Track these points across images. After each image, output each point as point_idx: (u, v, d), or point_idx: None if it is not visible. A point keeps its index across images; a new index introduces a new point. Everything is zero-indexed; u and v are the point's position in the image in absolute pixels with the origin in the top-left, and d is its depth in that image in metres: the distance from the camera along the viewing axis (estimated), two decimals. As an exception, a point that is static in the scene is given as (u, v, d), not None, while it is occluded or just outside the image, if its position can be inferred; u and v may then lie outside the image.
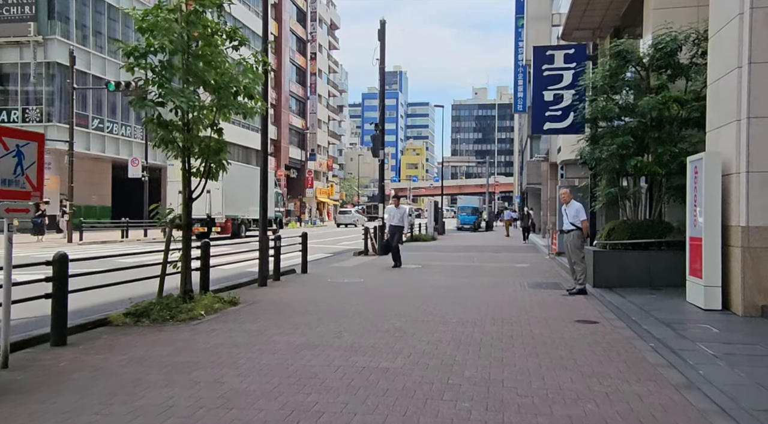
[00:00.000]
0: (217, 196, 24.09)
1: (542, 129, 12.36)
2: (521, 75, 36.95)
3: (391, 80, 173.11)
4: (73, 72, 22.98)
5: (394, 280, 11.47)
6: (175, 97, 6.96)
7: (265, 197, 10.61)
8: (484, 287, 10.40)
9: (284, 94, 58.88)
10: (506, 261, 16.08)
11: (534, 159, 36.09)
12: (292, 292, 9.68)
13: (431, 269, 13.91)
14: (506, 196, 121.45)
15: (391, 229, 14.09)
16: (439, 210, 34.37)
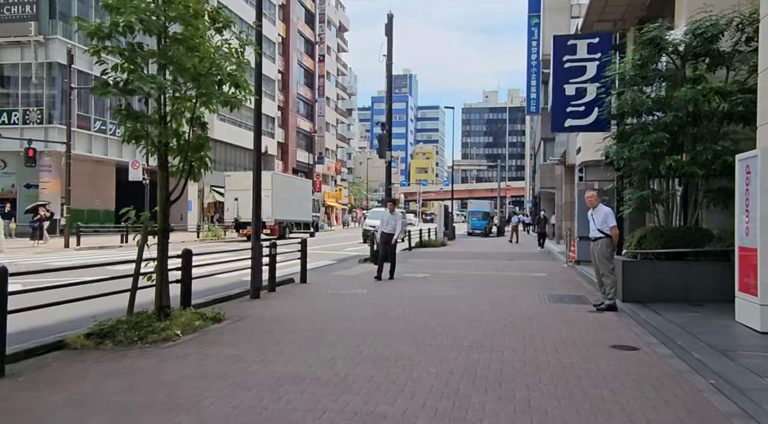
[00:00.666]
0: (267, 201, 25.54)
1: (563, 126, 11.33)
2: (534, 75, 35.86)
3: (401, 84, 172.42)
4: (70, 71, 22.24)
5: (399, 291, 10.48)
6: (144, 83, 6.04)
7: (259, 200, 9.66)
8: (500, 300, 9.38)
9: (292, 96, 58.15)
10: (521, 269, 15.03)
11: (548, 162, 34.99)
12: (286, 305, 8.71)
13: (441, 278, 12.90)
14: (517, 200, 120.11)
15: (383, 236, 12.57)
16: (449, 215, 33.33)
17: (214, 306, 8.18)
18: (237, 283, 10.69)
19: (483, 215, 46.48)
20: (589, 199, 8.49)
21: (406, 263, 17.05)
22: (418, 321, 7.38)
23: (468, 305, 8.74)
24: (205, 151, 7.15)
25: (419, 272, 14.03)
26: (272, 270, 10.23)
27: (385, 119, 17.23)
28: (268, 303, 8.92)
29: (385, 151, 17.03)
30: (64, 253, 20.01)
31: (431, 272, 14.26)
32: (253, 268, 9.40)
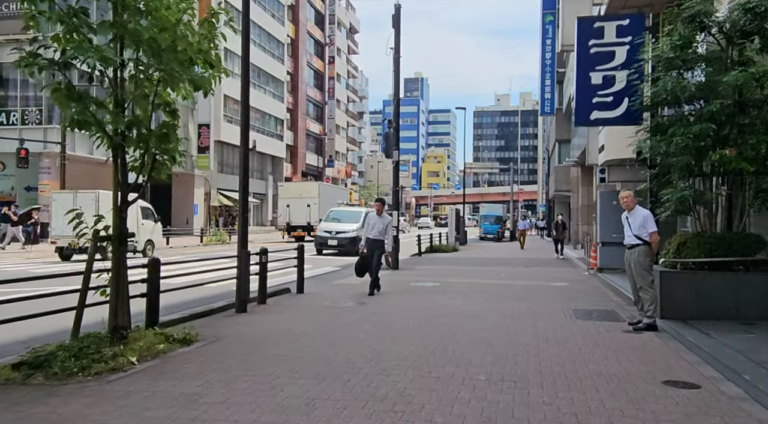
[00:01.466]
0: (314, 207, 31.46)
1: (588, 119, 10.14)
2: (549, 75, 34.65)
3: (412, 87, 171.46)
4: (65, 68, 21.36)
5: (405, 304, 9.34)
6: (82, 52, 4.99)
7: (246, 201, 8.58)
8: (519, 315, 8.22)
9: (301, 98, 57.29)
10: (539, 278, 13.83)
11: (563, 164, 33.70)
12: (274, 322, 7.60)
13: (452, 288, 11.75)
14: (530, 204, 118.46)
15: (369, 243, 10.70)
16: (461, 219, 32.14)
17: (188, 324, 7.09)
18: (228, 293, 9.59)
19: (495, 218, 45.28)
20: (624, 201, 7.30)
21: (414, 269, 15.92)
22: (424, 344, 6.24)
23: (482, 323, 7.58)
24: (174, 143, 6.08)
25: (428, 281, 12.89)
26: (263, 280, 9.15)
27: (393, 117, 16.12)
28: (253, 319, 7.82)
29: (392, 150, 15.92)
30: (54, 259, 19.07)
31: (441, 280, 13.11)
32: (239, 278, 8.31)
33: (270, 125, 50.04)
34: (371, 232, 10.70)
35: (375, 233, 10.69)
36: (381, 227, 10.65)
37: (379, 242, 10.65)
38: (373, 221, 10.80)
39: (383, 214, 10.96)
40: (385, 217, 10.87)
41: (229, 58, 43.08)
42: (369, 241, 10.69)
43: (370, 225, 10.79)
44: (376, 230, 10.68)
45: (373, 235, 10.69)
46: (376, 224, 10.74)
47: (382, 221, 10.73)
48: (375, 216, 10.90)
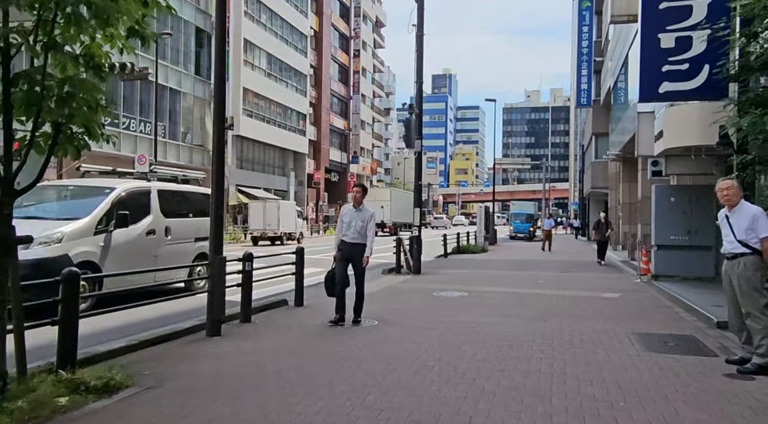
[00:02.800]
0: (387, 209, 40.69)
1: (656, 93, 8.12)
2: (585, 64, 32.34)
3: (440, 84, 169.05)
4: (65, 54, 20.00)
5: (425, 325, 7.47)
6: None
7: (220, 199, 6.81)
8: (571, 342, 6.29)
9: (325, 92, 55.70)
10: (583, 286, 11.81)
11: (602, 159, 31.35)
12: (248, 353, 5.82)
13: (482, 298, 9.85)
14: (561, 203, 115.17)
15: (345, 249, 7.52)
16: (490, 217, 30.09)
17: (132, 357, 5.38)
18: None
19: (527, 217, 43.06)
20: (725, 194, 5.26)
21: (438, 274, 14.04)
22: (445, 396, 4.38)
23: (524, 356, 5.68)
24: (95, 109, 4.36)
25: (454, 289, 11.00)
26: (246, 294, 7.38)
27: (415, 102, 14.24)
28: (223, 347, 6.05)
29: (414, 139, 14.04)
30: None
31: (470, 288, 11.20)
32: (210, 292, 6.54)
33: (292, 120, 48.55)
34: (347, 232, 7.48)
35: (352, 233, 7.46)
36: (359, 225, 7.44)
37: (358, 247, 7.44)
38: (349, 216, 7.51)
39: (363, 206, 7.59)
40: (365, 210, 7.57)
41: (249, 50, 41.70)
42: (345, 247, 7.50)
43: (344, 223, 7.53)
44: (354, 230, 7.45)
45: (350, 236, 7.46)
46: (353, 220, 7.46)
47: (360, 216, 7.47)
48: (351, 210, 7.57)
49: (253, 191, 42.86)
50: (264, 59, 43.84)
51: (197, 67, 36.07)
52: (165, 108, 33.13)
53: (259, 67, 43.11)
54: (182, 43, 34.50)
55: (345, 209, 7.76)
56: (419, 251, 14.16)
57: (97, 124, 4.36)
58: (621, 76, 23.09)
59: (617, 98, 24.46)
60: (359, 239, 7.46)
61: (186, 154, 35.28)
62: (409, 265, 14.17)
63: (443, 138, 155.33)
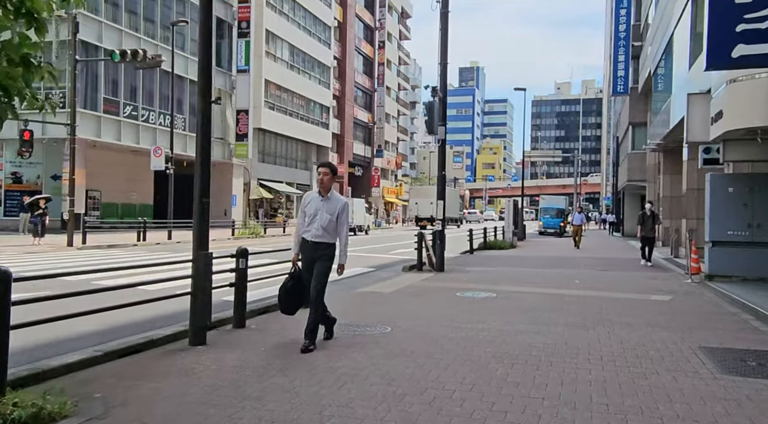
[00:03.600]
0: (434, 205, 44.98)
1: (728, 58, 6.82)
2: (622, 49, 30.65)
3: (468, 76, 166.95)
4: (75, 43, 19.36)
5: (446, 333, 6.38)
6: None
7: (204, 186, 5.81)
8: (622, 358, 5.14)
9: (349, 84, 54.72)
10: (627, 287, 10.55)
11: (639, 150, 29.74)
12: (232, 368, 4.82)
13: (511, 300, 8.71)
14: (592, 197, 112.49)
15: (306, 250, 5.69)
16: (519, 212, 28.75)
17: (92, 371, 4.44)
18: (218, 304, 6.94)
19: (557, 212, 41.44)
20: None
21: (463, 272, 12.92)
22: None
23: (569, 379, 4.56)
24: (20, 65, 3.39)
25: (480, 289, 9.88)
26: (240, 295, 6.40)
27: (439, 85, 13.09)
28: (205, 360, 5.06)
29: (437, 125, 12.90)
30: (59, 253, 17.12)
31: (497, 288, 10.06)
32: (194, 294, 5.57)
33: (315, 113, 47.70)
34: (310, 227, 5.58)
35: (316, 229, 5.54)
36: (326, 219, 5.53)
37: (323, 248, 5.58)
38: (313, 207, 5.60)
39: (333, 193, 5.68)
40: (336, 198, 5.65)
41: (271, 41, 40.90)
42: (306, 246, 5.63)
43: (307, 215, 5.61)
44: (319, 225, 5.53)
45: (312, 233, 5.56)
46: (318, 212, 5.56)
47: (328, 207, 5.56)
48: (316, 198, 5.63)
49: (275, 185, 42.16)
50: (286, 51, 43.04)
51: (218, 58, 35.38)
52: (184, 100, 32.51)
53: (281, 58, 42.32)
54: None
55: (308, 197, 5.69)
56: (442, 247, 13.06)
57: (24, 84, 3.38)
58: (662, 62, 21.58)
59: (658, 84, 22.91)
60: (326, 236, 5.55)
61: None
62: (432, 262, 13.09)
63: (470, 132, 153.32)
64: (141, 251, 18.19)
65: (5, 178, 27.84)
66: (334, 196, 5.67)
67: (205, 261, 5.58)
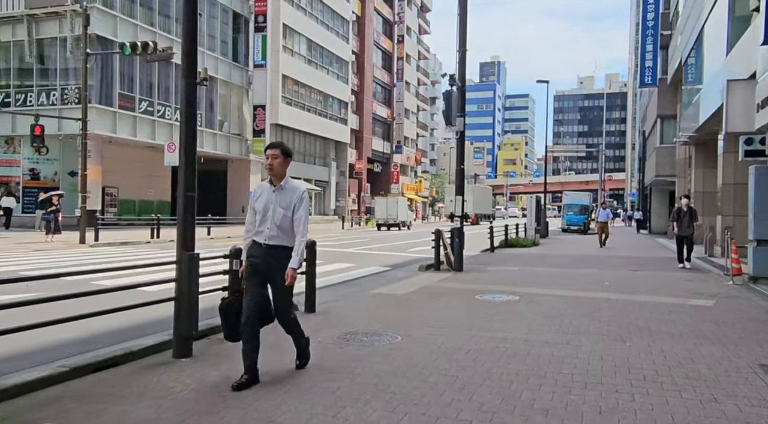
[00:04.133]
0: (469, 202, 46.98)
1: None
2: (651, 38, 29.45)
3: (488, 71, 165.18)
4: (86, 36, 18.96)
5: (463, 344, 5.68)
6: None
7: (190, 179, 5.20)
8: (673, 383, 4.40)
9: (367, 79, 54.06)
10: (662, 290, 9.72)
11: (668, 144, 28.60)
12: (214, 388, 4.19)
13: (537, 305, 7.97)
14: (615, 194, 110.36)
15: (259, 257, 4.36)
16: (542, 208, 27.82)
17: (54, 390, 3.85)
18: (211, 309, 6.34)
19: (580, 208, 40.28)
20: None
21: (484, 272, 12.18)
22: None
23: (609, 406, 3.84)
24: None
25: (502, 291, 9.15)
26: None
27: (458, 73, 12.34)
28: (186, 376, 4.44)
29: (455, 116, 12.16)
30: (70, 251, 16.77)
31: (520, 290, 9.32)
32: (179, 300, 4.95)
33: (333, 108, 47.14)
34: (262, 227, 4.38)
35: (270, 229, 4.35)
36: (280, 215, 4.34)
37: (280, 253, 4.33)
38: (264, 199, 4.42)
39: (287, 182, 4.46)
40: (291, 188, 4.44)
41: (288, 35, 40.40)
42: (257, 251, 4.39)
43: (257, 211, 4.42)
44: (272, 223, 4.35)
45: (265, 235, 4.36)
46: (270, 206, 4.37)
47: (283, 199, 4.37)
48: (267, 189, 4.46)
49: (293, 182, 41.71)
50: (304, 45, 42.52)
51: (234, 53, 35.00)
52: (201, 95, 32.14)
53: (299, 53, 41.82)
54: (218, 28, 33.46)
55: (258, 190, 4.53)
56: (461, 245, 12.33)
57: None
58: (693, 52, 20.51)
59: (689, 73, 21.82)
60: (282, 237, 4.32)
61: (223, 143, 34.35)
62: (450, 261, 12.38)
63: (491, 127, 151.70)
64: (153, 249, 17.76)
65: (23, 175, 27.78)
66: (290, 185, 4.44)
67: (190, 263, 4.95)
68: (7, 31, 26.57)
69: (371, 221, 45.22)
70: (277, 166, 4.40)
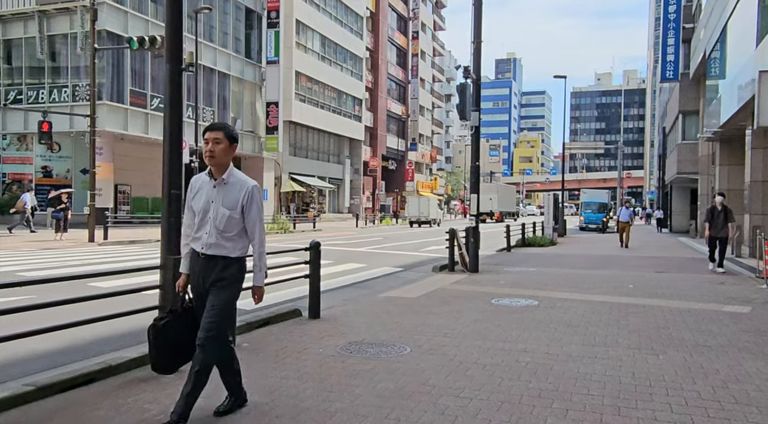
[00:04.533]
0: (494, 201, 48.82)
1: None
2: (672, 32, 28.56)
3: (504, 68, 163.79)
4: (94, 31, 18.66)
5: (477, 358, 5.16)
6: None
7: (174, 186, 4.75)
8: (720, 408, 3.84)
9: (381, 76, 53.53)
10: (691, 295, 9.10)
11: (690, 140, 27.73)
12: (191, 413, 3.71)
13: (558, 311, 7.41)
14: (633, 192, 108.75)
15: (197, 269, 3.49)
16: (559, 206, 27.12)
17: (5, 417, 3.40)
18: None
19: (599, 206, 39.49)
20: None
21: (500, 273, 11.62)
22: None
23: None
24: None
25: (519, 295, 8.61)
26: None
27: (472, 65, 11.77)
28: (163, 397, 3.96)
29: (470, 110, 11.60)
30: (77, 249, 16.49)
31: (539, 294, 8.77)
32: (162, 308, 4.48)
33: (347, 105, 46.71)
34: (200, 231, 3.48)
35: (209, 233, 3.44)
36: (224, 217, 3.42)
37: (222, 263, 3.44)
38: (204, 197, 3.48)
39: (232, 173, 3.50)
40: (237, 182, 3.49)
41: (302, 31, 40.00)
42: (196, 262, 3.52)
43: (195, 211, 3.51)
44: (212, 227, 3.43)
45: (203, 242, 3.45)
46: (210, 205, 3.45)
47: (225, 196, 3.45)
48: (207, 184, 3.50)
49: (307, 179, 41.37)
50: (317, 41, 42.11)
51: (247, 49, 34.68)
52: (214, 93, 31.89)
53: (312, 49, 41.41)
54: (231, 25, 33.13)
55: (195, 183, 3.57)
56: (476, 245, 11.78)
57: None
58: (718, 45, 19.71)
59: (713, 68, 21.02)
60: (224, 246, 3.42)
61: (243, 142, 34.05)
62: (465, 261, 11.83)
63: (506, 125, 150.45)
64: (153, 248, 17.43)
65: (36, 173, 27.68)
66: (235, 179, 3.47)
67: (177, 268, 4.48)
68: (18, 28, 26.46)
69: (386, 220, 44.74)
70: (219, 153, 3.41)
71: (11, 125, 27.17)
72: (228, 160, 3.50)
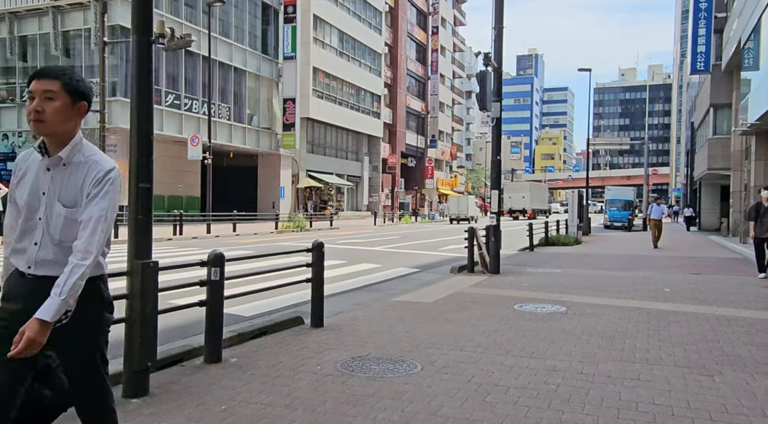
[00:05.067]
0: (527, 198, 51.28)
1: None
2: (704, 22, 27.36)
3: (526, 64, 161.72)
4: (104, 25, 18.29)
5: (499, 379, 4.44)
6: None
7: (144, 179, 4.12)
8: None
9: (401, 72, 52.78)
10: (737, 301, 8.24)
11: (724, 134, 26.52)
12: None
13: (588, 318, 6.65)
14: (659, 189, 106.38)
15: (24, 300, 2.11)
16: (584, 204, 26.15)
17: None
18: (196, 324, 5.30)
19: (624, 204, 38.27)
20: None
21: (523, 274, 10.86)
22: None
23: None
24: None
25: (545, 300, 7.85)
26: (212, 318, 4.64)
27: (493, 53, 11.00)
28: (125, 427, 3.33)
29: (491, 101, 10.83)
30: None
31: (566, 299, 8.00)
32: (129, 323, 3.84)
33: (365, 102, 46.06)
34: (23, 239, 2.18)
35: (38, 241, 2.16)
36: (60, 216, 2.15)
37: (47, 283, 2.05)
38: (30, 183, 2.22)
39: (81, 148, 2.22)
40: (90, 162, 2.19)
41: (319, 27, 39.44)
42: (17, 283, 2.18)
43: (18, 205, 2.22)
44: (44, 231, 2.16)
45: (28, 257, 2.16)
46: (40, 197, 2.19)
47: (63, 184, 2.18)
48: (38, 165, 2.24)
49: (325, 177, 40.84)
50: (335, 37, 41.52)
51: (264, 45, 34.23)
52: (229, 89, 31.49)
53: (330, 45, 40.83)
54: (247, 20, 32.69)
55: (22, 164, 2.31)
56: (497, 245, 11.02)
57: None
58: (753, 35, 18.62)
59: (748, 58, 19.90)
60: (59, 264, 2.10)
61: (253, 137, 33.62)
62: (485, 262, 11.09)
63: (528, 122, 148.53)
64: (171, 247, 16.96)
65: (50, 171, 27.55)
66: (84, 158, 2.22)
67: (146, 274, 3.84)
68: (33, 24, 26.31)
69: (405, 217, 44.05)
70: (52, 116, 2.17)
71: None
72: (70, 127, 2.20)
